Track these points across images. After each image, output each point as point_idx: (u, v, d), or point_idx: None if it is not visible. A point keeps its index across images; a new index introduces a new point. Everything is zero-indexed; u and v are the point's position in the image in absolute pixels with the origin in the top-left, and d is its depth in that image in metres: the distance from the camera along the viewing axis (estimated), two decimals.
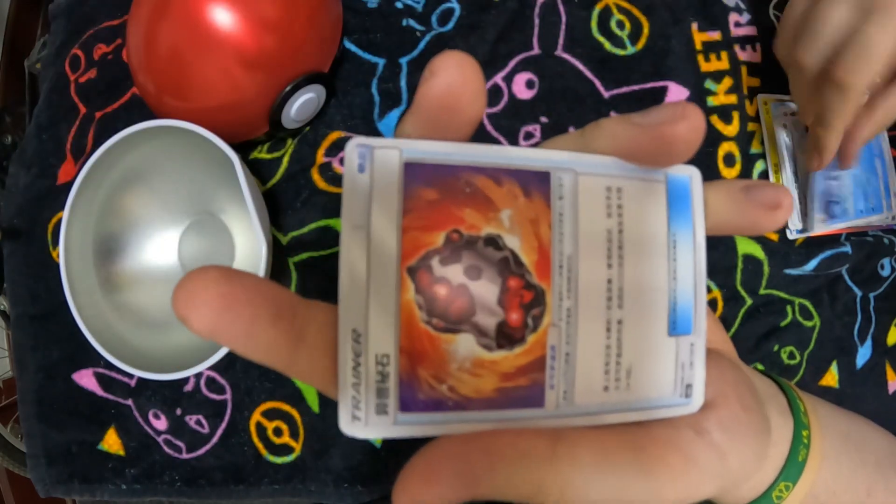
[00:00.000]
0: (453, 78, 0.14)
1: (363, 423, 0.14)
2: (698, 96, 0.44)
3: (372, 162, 0.14)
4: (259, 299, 0.14)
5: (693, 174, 0.17)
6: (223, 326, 0.13)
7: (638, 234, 0.16)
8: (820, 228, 0.43)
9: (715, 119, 0.44)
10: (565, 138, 0.17)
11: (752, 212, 0.17)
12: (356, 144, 0.14)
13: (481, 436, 0.14)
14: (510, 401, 0.15)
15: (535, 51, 0.45)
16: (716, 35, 0.45)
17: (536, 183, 0.15)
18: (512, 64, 0.45)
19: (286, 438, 0.43)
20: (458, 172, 0.15)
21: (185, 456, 0.44)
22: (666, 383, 0.16)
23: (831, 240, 0.44)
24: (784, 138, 0.44)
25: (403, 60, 0.45)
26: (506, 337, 0.15)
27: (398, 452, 0.42)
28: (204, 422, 0.44)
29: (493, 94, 0.44)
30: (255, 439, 0.43)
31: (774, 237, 0.44)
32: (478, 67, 0.15)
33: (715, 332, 0.21)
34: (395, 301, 0.14)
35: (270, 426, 0.43)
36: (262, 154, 0.45)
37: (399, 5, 0.46)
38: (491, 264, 0.15)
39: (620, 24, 0.45)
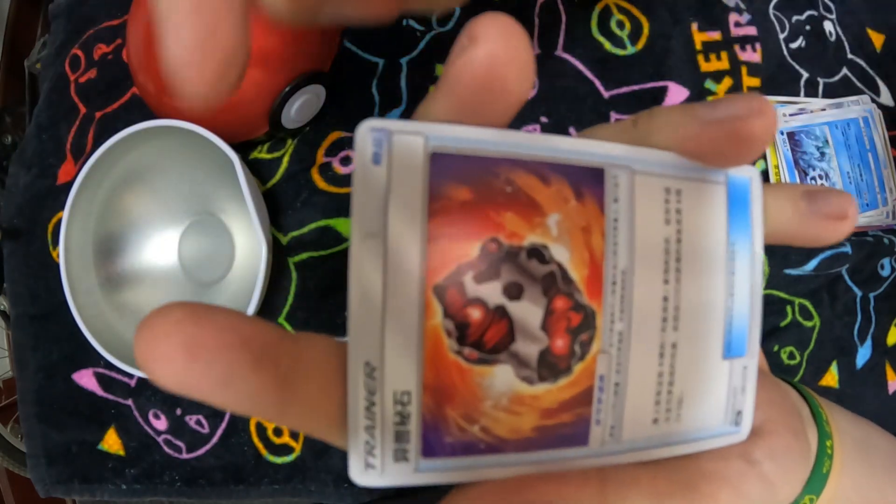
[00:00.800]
0: (499, 47, 0.11)
1: (379, 472, 0.12)
2: (698, 96, 0.44)
3: (390, 151, 0.12)
4: (234, 341, 0.11)
5: (753, 175, 0.15)
6: (193, 379, 0.11)
7: (696, 243, 0.14)
8: None
9: None
10: (610, 128, 0.15)
11: (814, 223, 0.15)
12: (370, 128, 0.12)
13: (519, 485, 0.12)
14: (551, 440, 0.13)
15: (535, 51, 0.45)
16: (716, 35, 0.45)
17: (589, 182, 0.13)
18: None
19: (286, 438, 0.43)
20: (496, 167, 0.12)
21: (185, 456, 0.44)
22: (716, 411, 0.15)
23: None
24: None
25: (403, 60, 0.45)
26: (549, 367, 0.13)
27: None
28: (204, 422, 0.44)
29: None
30: (255, 439, 0.43)
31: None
32: (525, 35, 0.12)
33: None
34: (417, 327, 0.12)
35: (270, 426, 0.43)
36: (262, 154, 0.45)
37: None
38: (535, 281, 0.12)
39: (620, 24, 0.45)
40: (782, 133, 0.44)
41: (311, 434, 0.13)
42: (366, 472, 0.12)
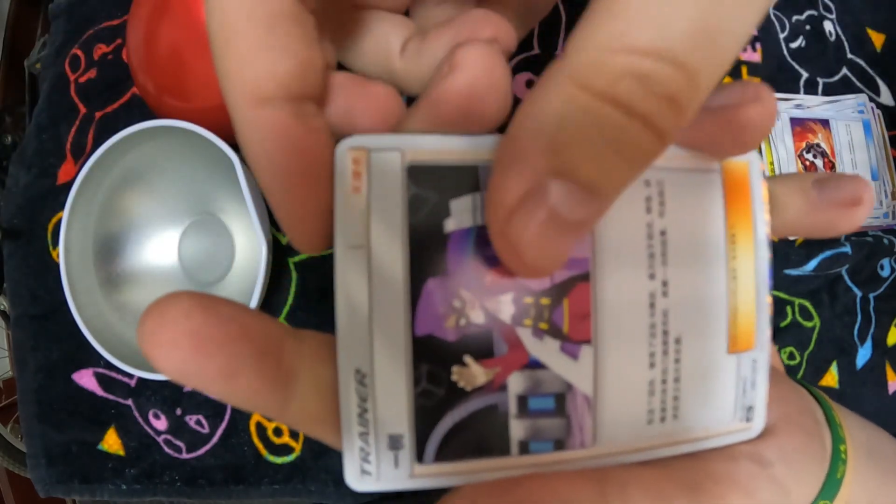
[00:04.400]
0: (479, 74, 0.12)
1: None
2: None
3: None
4: (239, 334, 0.11)
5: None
6: (195, 369, 0.11)
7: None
8: None
9: None
10: None
11: (828, 211, 0.15)
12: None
13: (516, 486, 0.12)
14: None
15: (536, 51, 0.45)
16: None
17: None
18: (512, 64, 0.45)
19: (286, 438, 0.43)
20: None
21: (185, 456, 0.44)
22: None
23: (831, 240, 0.44)
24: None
25: None
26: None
27: None
28: (204, 422, 0.44)
29: None
30: (255, 439, 0.43)
31: (774, 237, 0.44)
32: (505, 63, 0.12)
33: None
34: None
35: (270, 426, 0.43)
36: None
37: None
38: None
39: None
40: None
41: (310, 433, 0.13)
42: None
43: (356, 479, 0.12)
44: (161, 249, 0.45)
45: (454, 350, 0.12)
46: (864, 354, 0.45)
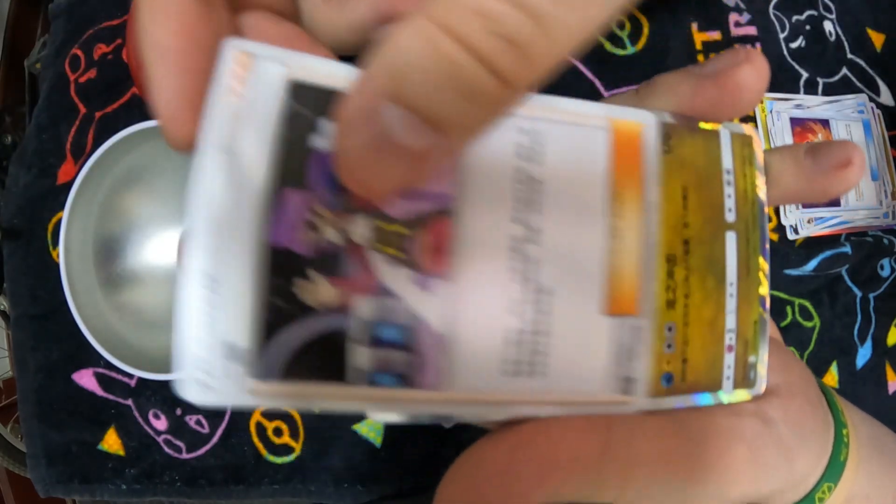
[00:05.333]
0: None
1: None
2: None
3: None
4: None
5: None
6: None
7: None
8: (809, 230, 0.43)
9: None
10: (613, 100, 0.16)
11: (822, 177, 0.15)
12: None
13: (528, 441, 0.12)
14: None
15: None
16: (716, 35, 0.45)
17: None
18: None
19: (286, 438, 0.43)
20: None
21: (185, 456, 0.44)
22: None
23: (831, 240, 0.44)
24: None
25: None
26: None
27: (399, 452, 0.42)
28: (204, 422, 0.44)
29: None
30: (255, 439, 0.43)
31: (774, 237, 0.44)
32: None
33: (770, 325, 0.20)
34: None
35: (270, 426, 0.43)
36: None
37: None
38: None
39: (620, 24, 0.45)
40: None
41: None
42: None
43: (195, 390, 0.11)
44: (161, 249, 0.45)
45: (304, 264, 0.12)
46: (864, 354, 0.45)
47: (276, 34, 0.14)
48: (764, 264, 0.15)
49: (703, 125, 0.15)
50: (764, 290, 0.15)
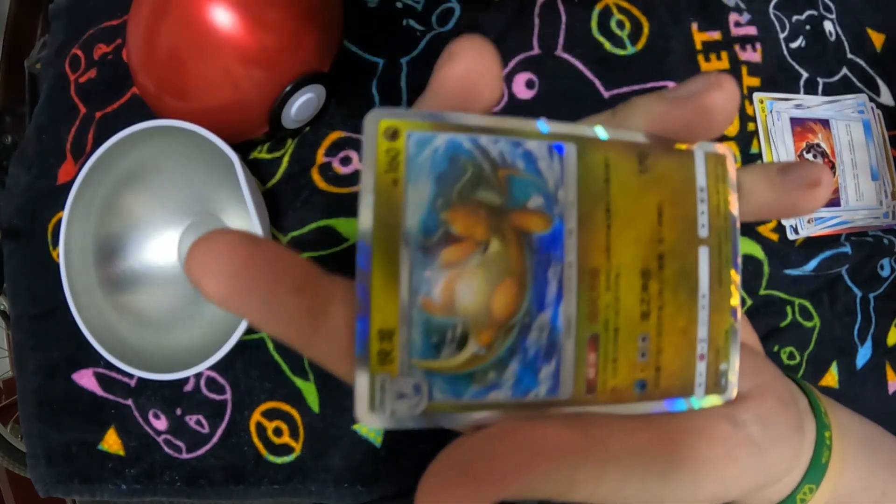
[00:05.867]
0: (472, 62, 0.14)
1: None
2: None
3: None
4: (280, 267, 0.13)
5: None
6: (239, 294, 0.12)
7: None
8: (809, 230, 0.43)
9: None
10: (591, 119, 0.16)
11: (791, 193, 0.16)
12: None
13: (507, 431, 0.13)
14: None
15: (535, 51, 0.45)
16: (716, 35, 0.45)
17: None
18: (512, 64, 0.45)
19: (286, 438, 0.43)
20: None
21: (185, 456, 0.44)
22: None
23: (831, 240, 0.44)
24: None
25: (403, 60, 0.45)
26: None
27: (398, 452, 0.42)
28: (204, 422, 0.44)
29: None
30: (255, 439, 0.43)
31: (774, 237, 0.44)
32: (496, 53, 0.14)
33: (746, 331, 0.21)
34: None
35: (270, 426, 0.43)
36: (262, 154, 0.45)
37: (399, 5, 0.46)
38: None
39: (620, 24, 0.45)
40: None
41: (330, 367, 0.14)
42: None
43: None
44: (161, 249, 0.45)
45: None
46: (864, 354, 0.45)
47: None
48: (736, 276, 0.16)
49: (678, 146, 0.16)
50: (735, 301, 0.16)
